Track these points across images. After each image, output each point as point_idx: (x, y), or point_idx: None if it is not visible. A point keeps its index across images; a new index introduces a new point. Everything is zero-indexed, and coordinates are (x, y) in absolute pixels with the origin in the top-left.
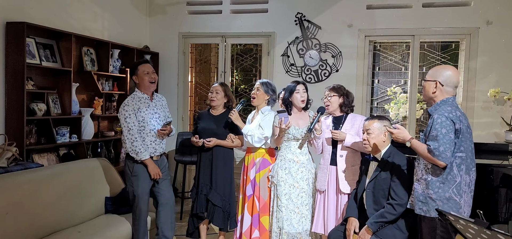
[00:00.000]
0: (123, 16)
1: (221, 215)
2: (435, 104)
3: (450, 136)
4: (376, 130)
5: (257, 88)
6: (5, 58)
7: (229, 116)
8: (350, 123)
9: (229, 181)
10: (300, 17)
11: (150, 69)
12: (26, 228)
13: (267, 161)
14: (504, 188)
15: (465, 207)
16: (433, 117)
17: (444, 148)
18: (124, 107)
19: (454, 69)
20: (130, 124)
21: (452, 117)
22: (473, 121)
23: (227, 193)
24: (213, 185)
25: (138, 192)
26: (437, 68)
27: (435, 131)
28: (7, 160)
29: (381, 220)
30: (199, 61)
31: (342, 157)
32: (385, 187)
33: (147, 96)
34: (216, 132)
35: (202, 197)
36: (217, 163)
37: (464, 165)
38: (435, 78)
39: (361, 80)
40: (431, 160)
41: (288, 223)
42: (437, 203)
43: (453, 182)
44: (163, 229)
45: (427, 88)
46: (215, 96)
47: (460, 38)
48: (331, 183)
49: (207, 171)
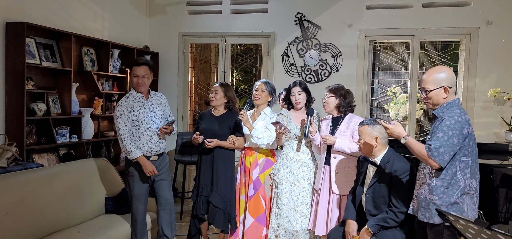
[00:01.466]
0: (123, 16)
1: (222, 217)
2: (442, 107)
3: (454, 140)
4: (367, 135)
5: (262, 89)
6: (5, 58)
7: (239, 117)
8: (346, 124)
9: (230, 183)
10: (300, 17)
11: (141, 73)
12: (26, 228)
13: (270, 161)
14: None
15: (468, 211)
16: (443, 119)
17: (444, 150)
18: (117, 107)
19: (447, 67)
20: (121, 124)
21: (462, 121)
22: (473, 121)
23: (228, 194)
24: (214, 186)
25: (134, 192)
26: (433, 74)
27: (441, 132)
28: (7, 160)
29: (383, 224)
30: (199, 61)
31: (336, 158)
32: (386, 194)
33: (141, 96)
34: (217, 132)
35: (203, 198)
36: (218, 164)
37: (468, 169)
38: (439, 84)
39: (361, 80)
40: (425, 159)
41: (287, 221)
42: (441, 208)
43: (457, 187)
44: (163, 229)
45: (435, 97)
46: (214, 97)
47: (460, 38)
48: (325, 182)
49: (208, 172)
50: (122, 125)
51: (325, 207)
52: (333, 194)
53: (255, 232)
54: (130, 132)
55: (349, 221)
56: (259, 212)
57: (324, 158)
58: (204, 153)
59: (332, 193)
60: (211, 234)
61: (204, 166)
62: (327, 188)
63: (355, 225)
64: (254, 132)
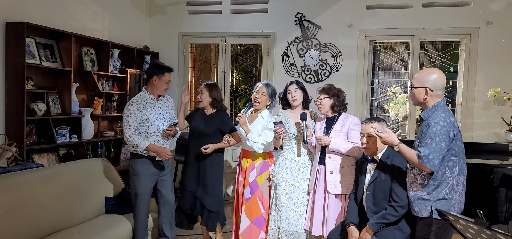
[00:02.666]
0: (123, 16)
1: (216, 219)
2: (427, 110)
3: (441, 145)
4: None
5: (262, 93)
6: (5, 58)
7: (237, 119)
8: (341, 123)
9: (219, 181)
10: (300, 17)
11: (170, 79)
12: (26, 228)
13: (267, 163)
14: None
15: (455, 205)
16: (429, 125)
17: (433, 156)
18: (128, 106)
19: (439, 71)
20: (130, 122)
21: (447, 125)
22: (473, 120)
23: (218, 194)
24: (207, 188)
25: (139, 192)
26: (423, 74)
27: (429, 138)
28: (7, 160)
29: (383, 221)
30: (199, 61)
31: (330, 158)
32: (386, 189)
33: (153, 97)
34: (204, 131)
35: (188, 193)
36: (205, 162)
37: (456, 167)
38: (423, 84)
39: (361, 80)
40: (418, 165)
41: (287, 222)
42: (430, 202)
43: (446, 184)
44: (163, 229)
45: (417, 95)
46: (200, 97)
47: (460, 38)
48: (320, 182)
49: (194, 167)
50: (130, 124)
51: (321, 207)
52: (329, 194)
53: (250, 235)
54: (137, 131)
55: (351, 228)
56: (256, 215)
57: (318, 158)
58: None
59: (328, 193)
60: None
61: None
62: (322, 188)
63: (356, 232)
64: (250, 135)
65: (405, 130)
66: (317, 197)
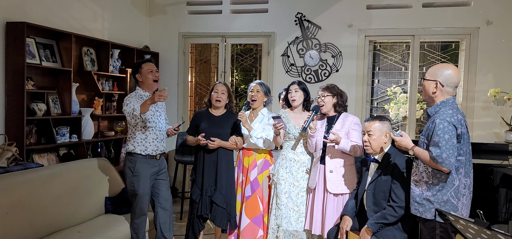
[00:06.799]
0: (123, 16)
1: (225, 216)
2: (434, 106)
3: (452, 141)
4: (378, 131)
5: (257, 90)
6: (5, 58)
7: (239, 118)
8: (341, 122)
9: (231, 183)
10: (300, 17)
11: (154, 68)
12: (26, 228)
13: (269, 162)
14: (504, 188)
15: (463, 209)
16: (435, 122)
17: (447, 154)
18: (126, 99)
19: (454, 68)
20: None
21: (454, 122)
22: (473, 120)
23: (229, 194)
24: (217, 186)
25: (139, 192)
26: (437, 67)
27: (437, 137)
28: (7, 160)
29: (382, 221)
30: (199, 61)
31: (331, 157)
32: (386, 189)
33: (149, 95)
34: (221, 133)
35: (207, 198)
36: (221, 164)
37: (463, 168)
38: (435, 78)
39: (361, 80)
40: (435, 166)
41: (286, 221)
42: (434, 205)
43: (451, 185)
44: (162, 229)
45: (426, 87)
46: (221, 97)
47: (460, 38)
48: (320, 181)
49: (212, 172)
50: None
51: (320, 207)
52: (328, 193)
53: (251, 233)
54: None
55: (345, 217)
56: (256, 213)
57: (319, 157)
58: (207, 152)
59: (327, 192)
60: (207, 235)
61: (208, 166)
62: (322, 187)
63: (350, 221)
64: (253, 132)
65: (405, 129)
66: (317, 196)
